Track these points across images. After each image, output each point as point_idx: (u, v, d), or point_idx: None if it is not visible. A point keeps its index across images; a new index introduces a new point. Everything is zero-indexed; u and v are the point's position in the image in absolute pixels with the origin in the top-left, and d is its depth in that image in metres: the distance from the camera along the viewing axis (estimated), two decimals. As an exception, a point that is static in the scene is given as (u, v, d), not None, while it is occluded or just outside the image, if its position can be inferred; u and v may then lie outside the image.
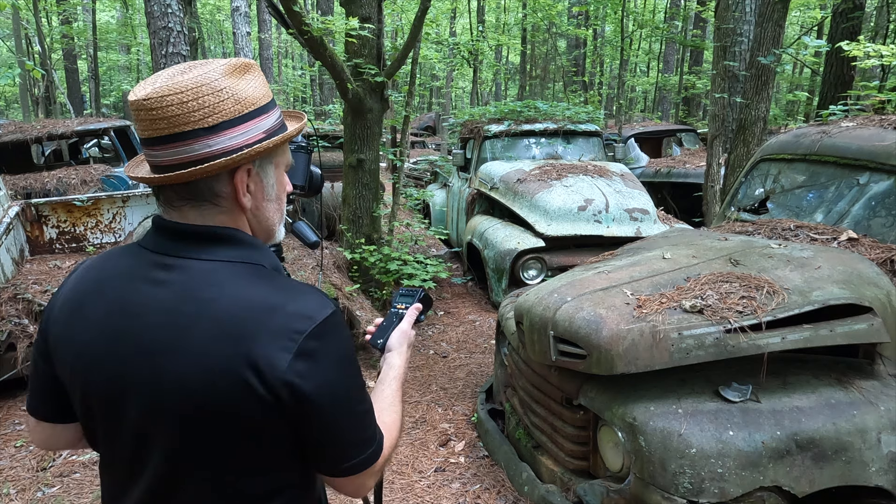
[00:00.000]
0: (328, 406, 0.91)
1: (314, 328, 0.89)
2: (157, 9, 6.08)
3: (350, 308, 4.40)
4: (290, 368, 0.86)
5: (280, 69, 22.54)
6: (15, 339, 3.56)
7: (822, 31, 13.09)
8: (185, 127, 0.88)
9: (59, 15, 15.95)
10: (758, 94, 5.59)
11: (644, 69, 23.94)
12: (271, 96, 0.99)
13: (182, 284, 0.91)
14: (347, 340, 0.97)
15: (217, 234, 0.94)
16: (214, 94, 0.89)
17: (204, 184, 0.92)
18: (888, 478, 1.92)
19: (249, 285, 0.91)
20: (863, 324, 2.06)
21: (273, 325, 0.87)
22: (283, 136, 0.97)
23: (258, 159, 0.96)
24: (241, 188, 0.94)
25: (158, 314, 0.90)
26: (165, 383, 0.88)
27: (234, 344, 0.86)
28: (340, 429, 0.94)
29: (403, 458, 3.15)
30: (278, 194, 1.03)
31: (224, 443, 0.89)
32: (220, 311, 0.87)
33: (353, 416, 0.96)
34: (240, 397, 0.86)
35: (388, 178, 6.49)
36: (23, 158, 7.54)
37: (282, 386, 0.86)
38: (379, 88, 4.97)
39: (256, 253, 0.96)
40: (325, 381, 0.90)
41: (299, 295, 0.93)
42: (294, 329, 0.88)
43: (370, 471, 0.99)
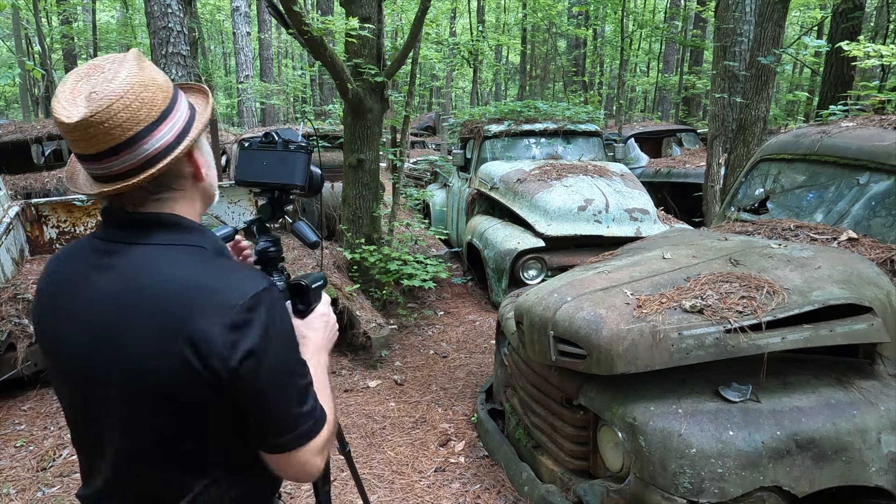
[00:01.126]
0: (261, 378, 0.93)
1: (246, 302, 0.92)
2: (157, 9, 6.08)
3: (350, 308, 4.40)
4: (223, 342, 0.89)
5: (280, 69, 22.54)
6: (15, 339, 3.56)
7: (822, 31, 13.09)
8: (137, 128, 0.91)
9: (59, 15, 15.94)
10: (758, 94, 5.59)
11: (644, 69, 23.94)
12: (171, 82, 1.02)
13: (125, 269, 0.95)
14: (283, 315, 0.99)
15: (160, 220, 0.98)
16: (146, 88, 0.92)
17: (170, 172, 0.97)
18: (888, 478, 1.92)
19: (187, 266, 0.95)
20: (863, 324, 2.06)
21: (208, 303, 0.91)
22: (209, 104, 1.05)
23: None
24: (201, 164, 1.02)
25: (105, 298, 0.94)
26: (114, 364, 0.93)
27: (172, 323, 0.90)
28: (275, 402, 0.95)
29: (403, 458, 3.15)
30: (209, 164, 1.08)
31: (173, 420, 0.94)
32: (158, 293, 0.92)
33: (289, 388, 0.97)
34: (180, 374, 0.90)
35: (388, 178, 6.49)
36: (23, 158, 7.54)
37: (217, 360, 0.89)
38: (379, 88, 4.97)
39: (198, 236, 1.00)
40: (257, 353, 0.91)
41: (233, 273, 0.97)
42: (226, 304, 0.91)
43: (311, 447, 0.99)
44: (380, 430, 3.43)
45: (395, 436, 3.38)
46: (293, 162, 1.45)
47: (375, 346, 4.35)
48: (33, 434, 3.39)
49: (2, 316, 3.62)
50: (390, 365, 4.37)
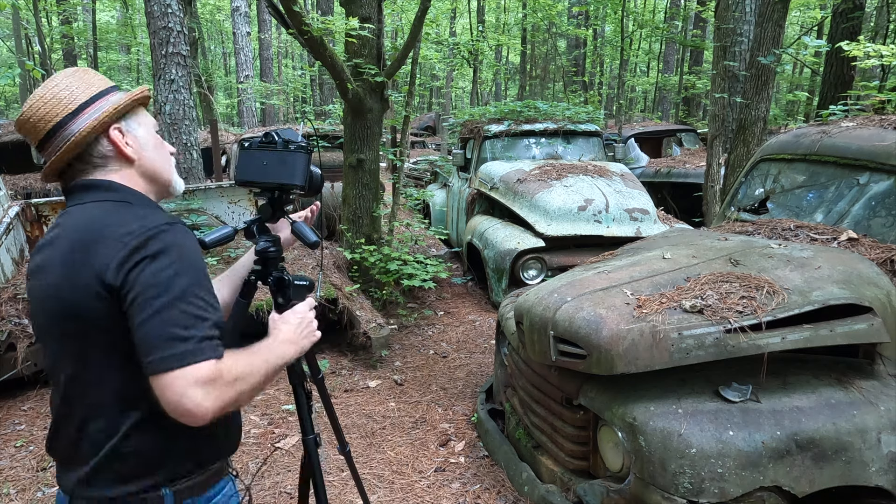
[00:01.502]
0: (142, 292, 1.02)
1: (145, 232, 1.05)
2: (157, 9, 6.08)
3: (350, 308, 4.40)
4: (118, 263, 1.03)
5: (280, 69, 22.53)
6: (15, 339, 3.56)
7: (822, 31, 13.08)
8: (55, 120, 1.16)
9: (59, 15, 15.93)
10: (758, 94, 5.59)
11: (644, 69, 23.93)
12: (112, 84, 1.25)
13: (65, 225, 1.14)
14: (188, 247, 1.09)
15: (94, 184, 1.18)
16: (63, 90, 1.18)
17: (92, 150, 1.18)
18: (888, 478, 1.92)
19: (106, 213, 1.11)
20: (863, 324, 2.06)
21: (112, 235, 1.05)
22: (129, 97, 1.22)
23: (123, 120, 1.21)
24: (120, 142, 1.19)
25: (47, 248, 1.14)
26: (45, 298, 1.12)
27: (82, 255, 1.06)
28: (152, 317, 1.01)
29: (403, 458, 3.15)
30: (154, 144, 1.26)
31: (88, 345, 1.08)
32: (75, 233, 1.09)
33: (169, 307, 1.02)
34: (88, 299, 1.04)
35: (388, 178, 6.49)
36: (23, 158, 7.54)
37: (112, 278, 1.03)
38: (379, 88, 4.97)
39: (126, 194, 1.18)
40: (147, 274, 1.02)
41: (140, 214, 1.11)
42: (127, 233, 1.05)
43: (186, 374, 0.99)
44: (380, 430, 3.43)
45: (395, 436, 3.38)
46: (293, 162, 1.45)
47: (375, 346, 4.35)
48: (33, 434, 3.39)
49: (2, 316, 3.61)
50: (390, 365, 4.37)
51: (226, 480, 1.30)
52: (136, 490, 1.14)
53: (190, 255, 1.09)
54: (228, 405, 1.05)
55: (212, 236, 1.47)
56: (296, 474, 2.99)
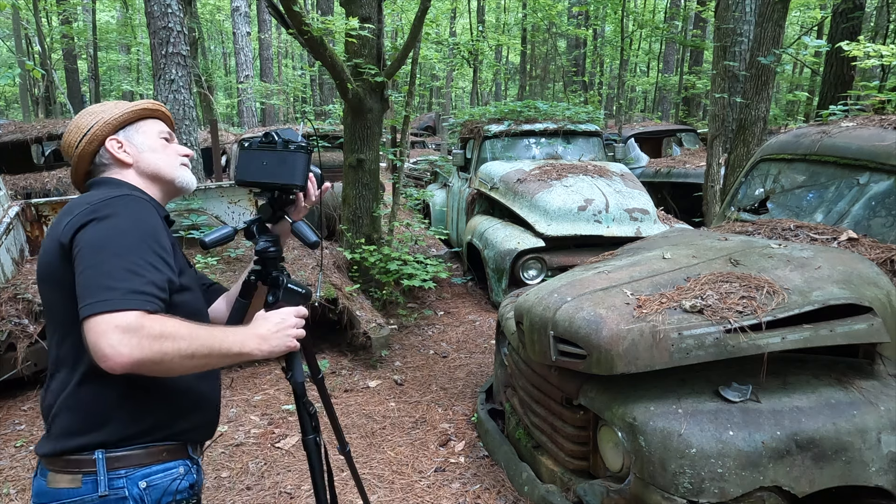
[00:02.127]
0: (85, 250, 1.12)
1: (102, 201, 1.19)
2: (157, 9, 6.07)
3: (350, 308, 4.40)
4: (74, 225, 1.16)
5: (280, 69, 22.53)
6: (15, 339, 3.56)
7: (822, 31, 13.08)
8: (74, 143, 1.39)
9: (59, 15, 15.93)
10: (758, 94, 5.59)
11: (644, 69, 23.93)
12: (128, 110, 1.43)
13: None
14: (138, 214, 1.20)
15: (99, 180, 1.37)
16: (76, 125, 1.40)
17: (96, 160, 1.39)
18: (888, 478, 1.92)
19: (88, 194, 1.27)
20: (863, 324, 2.06)
21: (78, 207, 1.20)
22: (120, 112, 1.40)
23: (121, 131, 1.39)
24: (114, 150, 1.38)
25: None
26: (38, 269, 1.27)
27: (58, 225, 1.20)
28: (89, 267, 1.10)
29: (403, 458, 3.15)
30: (153, 146, 1.42)
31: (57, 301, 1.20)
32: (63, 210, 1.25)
33: (106, 262, 1.10)
34: (56, 261, 1.18)
35: (388, 178, 6.49)
36: (23, 158, 7.54)
37: (66, 241, 1.16)
38: (379, 88, 4.97)
39: (123, 186, 1.34)
40: (91, 231, 1.14)
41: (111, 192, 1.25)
42: (88, 202, 1.20)
43: (109, 320, 1.04)
44: (380, 430, 3.43)
45: (395, 436, 3.38)
46: (293, 162, 1.45)
47: (375, 346, 4.35)
48: (33, 434, 3.39)
49: (2, 316, 3.61)
50: (390, 365, 4.37)
51: (178, 463, 1.28)
52: (72, 447, 1.18)
53: (138, 220, 1.19)
54: (149, 360, 1.06)
55: (212, 236, 1.47)
56: (296, 474, 2.99)
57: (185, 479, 1.28)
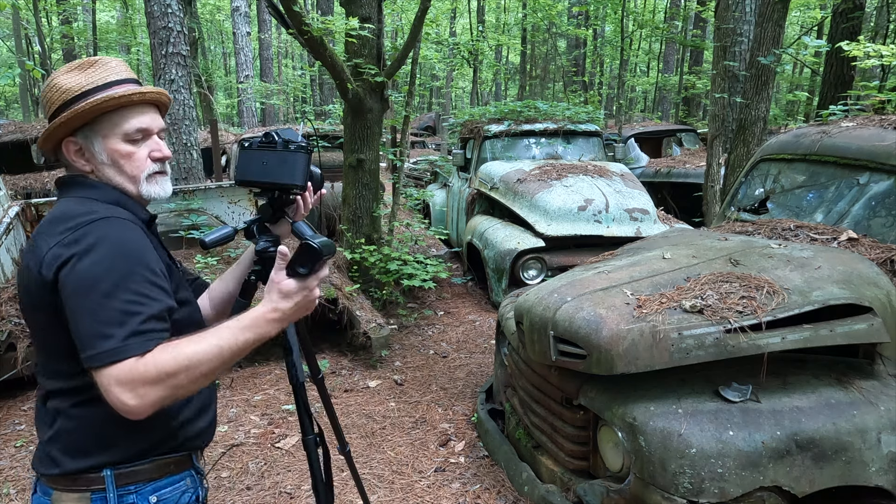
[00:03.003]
0: (74, 287, 1.05)
1: (79, 224, 1.09)
2: (157, 9, 6.08)
3: (350, 308, 4.40)
4: (51, 255, 1.07)
5: (280, 69, 22.53)
6: (15, 339, 3.56)
7: (822, 31, 13.08)
8: (46, 117, 1.22)
9: (59, 15, 15.93)
10: (758, 94, 5.59)
11: (644, 69, 23.93)
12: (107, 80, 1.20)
13: None
14: (122, 241, 1.10)
15: (71, 180, 1.23)
16: (49, 90, 1.20)
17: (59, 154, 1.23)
18: (888, 478, 1.92)
19: (65, 208, 1.16)
20: (863, 324, 2.06)
21: (55, 227, 1.11)
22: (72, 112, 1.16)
23: (81, 132, 1.20)
24: (69, 155, 1.21)
25: None
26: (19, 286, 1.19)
27: (34, 246, 1.12)
28: (82, 315, 1.03)
29: (403, 458, 3.15)
30: (114, 160, 1.21)
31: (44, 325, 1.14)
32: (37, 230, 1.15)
33: (98, 306, 1.03)
34: (35, 283, 1.10)
35: (388, 178, 6.49)
36: (23, 158, 7.54)
37: (46, 269, 1.07)
38: (379, 88, 4.97)
39: (94, 191, 1.20)
40: (76, 264, 1.05)
41: (92, 210, 1.13)
42: (66, 226, 1.09)
43: (110, 374, 1.00)
44: (380, 430, 3.43)
45: (395, 436, 3.38)
46: (293, 162, 1.45)
47: (375, 346, 4.35)
48: (33, 434, 3.39)
49: (2, 316, 3.61)
50: (390, 365, 4.37)
51: (185, 475, 1.25)
52: (80, 468, 1.15)
53: (123, 248, 1.09)
54: (161, 399, 1.02)
55: (212, 236, 1.46)
56: (296, 474, 2.99)
57: (193, 492, 1.26)
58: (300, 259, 1.15)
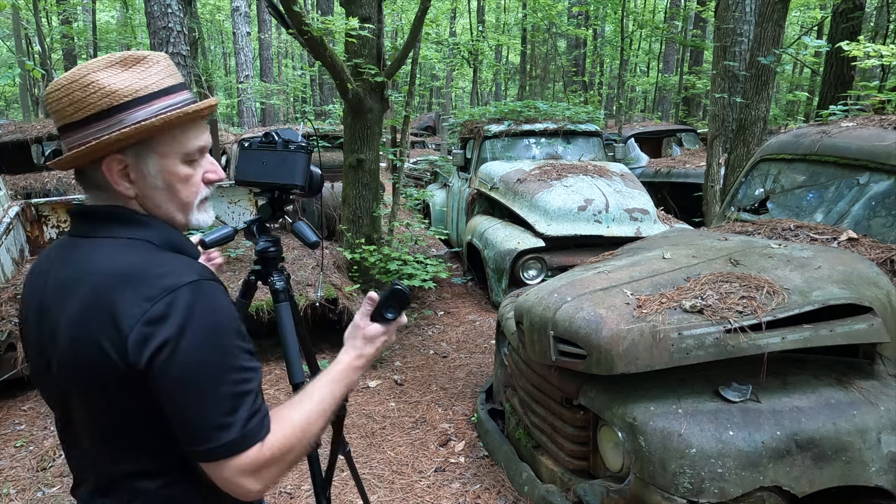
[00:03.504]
0: (174, 379, 0.88)
1: (170, 293, 0.89)
2: (157, 9, 6.07)
3: (350, 308, 4.40)
4: (137, 335, 0.87)
5: (280, 69, 22.53)
6: (15, 339, 3.56)
7: (822, 31, 13.08)
8: (63, 121, 0.96)
9: (59, 15, 15.93)
10: (758, 94, 5.59)
11: (644, 69, 23.93)
12: (165, 85, 0.99)
13: (71, 260, 0.97)
14: (215, 312, 0.93)
15: (107, 212, 0.99)
16: (82, 89, 0.94)
17: (88, 173, 0.99)
18: (888, 478, 1.92)
19: (119, 257, 0.94)
20: (863, 324, 2.06)
21: (126, 293, 0.89)
22: (136, 127, 0.94)
23: (131, 149, 0.97)
24: (111, 177, 0.97)
25: (55, 286, 0.97)
26: (53, 348, 0.95)
27: (93, 313, 0.90)
28: (190, 406, 0.90)
29: (403, 458, 3.15)
30: (168, 183, 1.01)
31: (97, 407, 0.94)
32: (85, 283, 0.92)
33: (207, 394, 0.90)
34: (100, 365, 0.89)
35: (388, 178, 6.49)
36: (23, 158, 7.54)
37: (132, 353, 0.87)
38: (379, 88, 4.97)
39: (145, 230, 0.99)
40: (174, 351, 0.88)
41: (163, 265, 0.94)
42: (145, 296, 0.89)
43: (233, 465, 0.91)
44: (380, 430, 3.43)
45: (395, 436, 3.38)
46: (293, 162, 1.45)
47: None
48: (33, 434, 3.39)
49: (2, 316, 3.62)
50: (390, 365, 4.37)
51: None
52: None
53: (219, 322, 0.93)
54: (281, 475, 0.98)
55: (212, 236, 1.47)
56: (296, 474, 2.99)
57: None
58: (388, 303, 1.15)
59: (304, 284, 4.39)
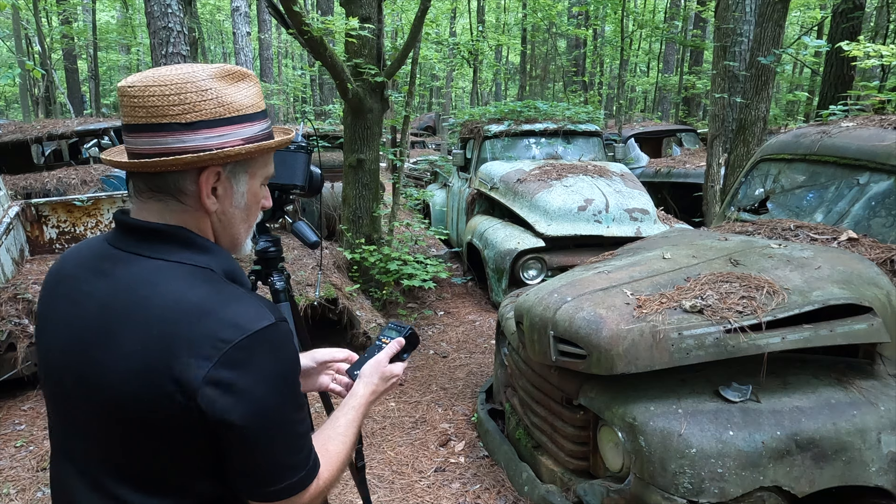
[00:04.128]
0: (250, 428, 0.86)
1: (243, 338, 0.85)
2: (157, 9, 6.07)
3: (350, 308, 4.40)
4: (207, 379, 0.83)
5: (280, 69, 22.54)
6: (15, 339, 3.56)
7: (822, 31, 13.08)
8: (162, 119, 0.89)
9: (59, 15, 15.95)
10: (758, 94, 5.59)
11: (644, 69, 23.93)
12: (262, 108, 1.00)
13: (122, 279, 0.90)
14: (287, 357, 0.92)
15: (167, 233, 0.93)
16: (198, 92, 0.90)
17: (171, 178, 0.92)
18: (888, 478, 1.92)
19: (187, 288, 0.88)
20: (863, 324, 2.06)
21: (198, 332, 0.84)
22: (258, 146, 0.96)
23: (230, 164, 0.95)
24: (206, 189, 0.94)
25: (95, 306, 0.90)
26: (94, 377, 0.88)
27: (158, 348, 0.84)
28: (263, 453, 0.89)
29: (403, 458, 3.15)
30: (248, 204, 1.01)
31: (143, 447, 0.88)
32: (149, 313, 0.86)
33: (282, 438, 0.91)
34: (159, 404, 0.84)
35: (388, 178, 6.49)
36: (23, 158, 7.54)
37: (200, 397, 0.83)
38: (379, 88, 4.97)
39: (207, 256, 0.94)
40: (250, 398, 0.85)
41: (237, 302, 0.89)
42: (219, 337, 0.84)
43: (297, 500, 0.94)
44: (380, 430, 3.43)
45: (395, 436, 3.38)
46: (293, 162, 1.45)
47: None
48: (33, 434, 3.39)
49: (2, 316, 3.62)
50: (390, 365, 4.36)
51: None
52: None
53: (290, 360, 0.93)
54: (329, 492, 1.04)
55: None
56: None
57: None
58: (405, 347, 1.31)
59: (304, 284, 4.40)
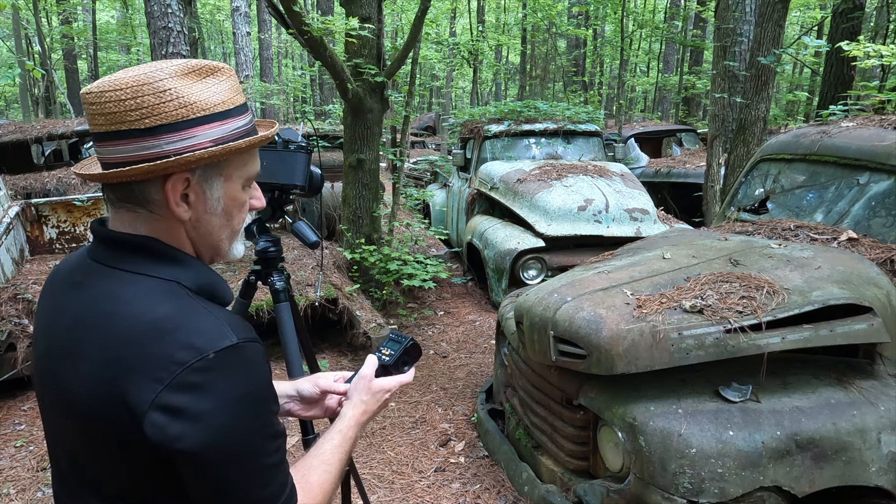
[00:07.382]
0: (208, 455, 0.79)
1: (199, 360, 0.78)
2: (157, 9, 6.07)
3: (350, 308, 4.40)
4: (156, 404, 0.76)
5: (280, 69, 22.54)
6: (15, 339, 3.56)
7: (822, 31, 13.09)
8: (121, 126, 0.83)
9: (59, 15, 15.95)
10: (758, 94, 5.59)
11: (644, 69, 23.94)
12: (238, 103, 0.92)
13: (91, 293, 0.87)
14: (254, 381, 0.84)
15: (135, 244, 0.87)
16: (156, 94, 0.83)
17: (136, 188, 0.86)
18: (888, 478, 1.92)
19: (147, 305, 0.83)
20: (863, 324, 2.06)
21: (152, 353, 0.78)
22: (225, 148, 0.87)
23: (200, 169, 0.88)
24: (173, 197, 0.87)
25: (69, 320, 0.87)
26: (64, 392, 0.85)
27: (112, 369, 0.79)
28: (226, 484, 0.81)
29: (403, 458, 3.15)
30: (227, 209, 0.93)
31: (107, 467, 0.85)
32: (109, 330, 0.82)
33: (247, 469, 0.82)
34: (112, 428, 0.80)
35: (388, 178, 6.49)
36: (23, 158, 7.54)
37: (146, 423, 0.76)
38: (379, 88, 4.97)
39: (176, 268, 0.89)
40: (206, 425, 0.78)
41: (198, 321, 0.83)
42: (173, 360, 0.78)
43: None
44: (380, 430, 3.43)
45: (395, 436, 3.38)
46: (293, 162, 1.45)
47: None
48: (33, 434, 3.39)
49: (2, 316, 3.62)
50: (390, 365, 4.36)
51: None
52: None
53: (258, 391, 0.85)
54: None
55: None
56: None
57: None
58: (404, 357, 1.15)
59: (304, 284, 4.40)
